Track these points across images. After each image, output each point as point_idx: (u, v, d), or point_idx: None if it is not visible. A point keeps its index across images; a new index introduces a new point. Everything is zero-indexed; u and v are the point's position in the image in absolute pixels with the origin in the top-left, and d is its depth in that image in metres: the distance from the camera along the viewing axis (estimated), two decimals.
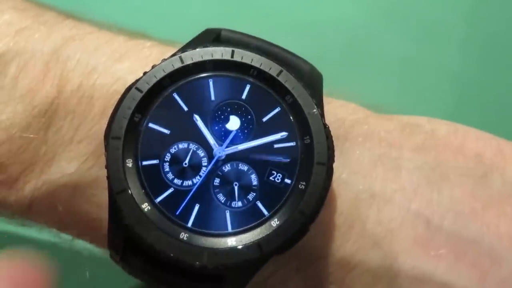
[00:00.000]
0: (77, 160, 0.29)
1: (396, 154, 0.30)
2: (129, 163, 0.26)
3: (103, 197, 0.28)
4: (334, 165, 0.27)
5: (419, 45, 0.46)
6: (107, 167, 0.26)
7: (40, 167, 0.29)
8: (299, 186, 0.27)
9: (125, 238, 0.27)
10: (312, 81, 0.28)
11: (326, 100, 0.29)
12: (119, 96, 0.27)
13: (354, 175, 0.29)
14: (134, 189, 0.26)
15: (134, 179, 0.26)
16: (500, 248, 0.28)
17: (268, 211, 0.27)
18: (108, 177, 0.26)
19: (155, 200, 0.26)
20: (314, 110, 0.27)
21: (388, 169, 0.29)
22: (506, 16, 0.43)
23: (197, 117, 0.27)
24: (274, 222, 0.26)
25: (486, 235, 0.28)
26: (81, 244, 0.33)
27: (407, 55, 0.45)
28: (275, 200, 0.27)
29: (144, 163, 0.27)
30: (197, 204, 0.27)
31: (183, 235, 0.26)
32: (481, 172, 0.29)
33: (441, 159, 0.30)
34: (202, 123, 0.27)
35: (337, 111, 0.31)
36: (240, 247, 0.26)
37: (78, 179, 0.29)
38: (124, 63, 0.30)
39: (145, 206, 0.26)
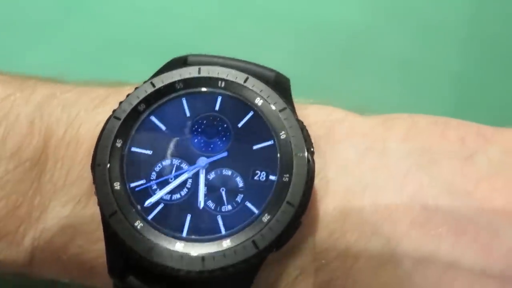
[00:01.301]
0: (71, 202, 0.30)
1: (381, 145, 0.30)
2: (117, 186, 0.27)
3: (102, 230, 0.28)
4: (320, 164, 0.28)
5: (419, 46, 0.46)
6: (96, 193, 0.27)
7: (36, 217, 0.30)
8: (284, 179, 0.27)
9: (124, 260, 0.27)
10: (280, 85, 0.30)
11: (302, 107, 0.31)
12: None
13: (342, 170, 0.30)
14: (125, 210, 0.27)
15: (124, 201, 0.27)
16: (497, 222, 0.28)
17: (258, 209, 0.27)
18: (99, 204, 0.27)
19: (147, 218, 0.27)
20: (285, 107, 0.28)
21: (375, 160, 0.30)
22: (506, 17, 0.44)
23: (175, 135, 0.29)
24: (265, 218, 0.27)
25: (482, 211, 0.29)
26: None
27: (407, 55, 0.45)
28: (262, 197, 0.27)
29: (132, 184, 0.28)
30: (188, 214, 0.27)
31: (179, 245, 0.26)
32: (466, 153, 0.30)
33: (426, 146, 0.30)
34: (182, 139, 0.29)
35: (316, 113, 0.32)
36: (235, 247, 0.26)
37: (75, 220, 0.30)
38: (105, 107, 0.32)
39: (138, 224, 0.27)
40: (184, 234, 0.27)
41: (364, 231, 0.29)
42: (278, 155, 0.28)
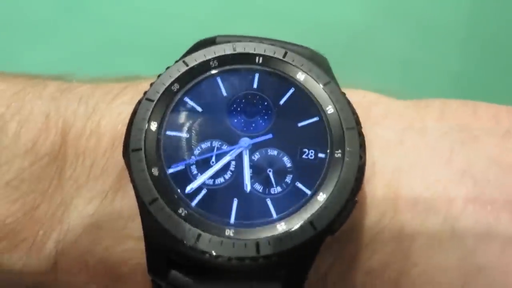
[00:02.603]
0: (96, 198, 0.27)
1: (420, 124, 0.29)
2: (155, 172, 0.25)
3: (135, 225, 0.26)
4: None
5: (419, 46, 0.47)
6: (132, 181, 0.25)
7: (58, 217, 0.28)
8: (336, 155, 0.25)
9: (166, 255, 0.25)
10: (318, 62, 0.28)
11: None
12: (125, 128, 0.26)
13: (385, 151, 0.28)
14: (166, 197, 0.24)
15: (164, 187, 0.25)
16: None
17: (310, 189, 0.25)
18: (136, 191, 0.25)
19: (191, 204, 0.25)
20: (329, 80, 0.27)
21: (417, 139, 0.28)
22: (506, 17, 0.44)
23: (213, 116, 0.27)
24: (320, 197, 0.25)
25: None
26: None
27: (407, 55, 0.46)
28: (314, 177, 0.25)
29: (171, 170, 0.25)
30: (235, 199, 0.25)
31: (229, 232, 0.24)
32: (502, 130, 0.29)
33: (463, 124, 0.29)
34: (220, 120, 0.26)
35: (349, 96, 0.30)
36: (292, 229, 0.24)
37: (101, 218, 0.27)
38: (123, 97, 0.29)
39: (182, 211, 0.24)
40: (233, 219, 0.25)
41: (417, 210, 0.27)
42: (327, 130, 0.26)
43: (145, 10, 0.47)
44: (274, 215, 0.25)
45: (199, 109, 0.27)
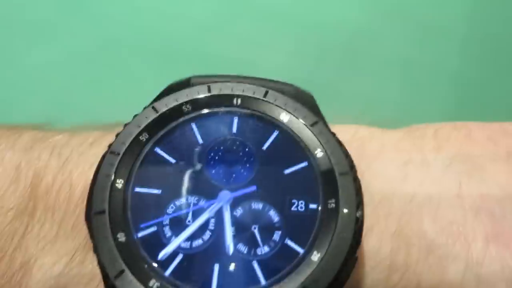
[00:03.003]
0: (64, 258, 0.24)
1: (420, 157, 0.26)
2: (122, 238, 0.21)
3: None
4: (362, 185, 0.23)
5: (419, 46, 0.45)
6: (95, 249, 0.21)
7: (16, 282, 0.24)
8: (329, 206, 0.22)
9: None
10: (304, 100, 0.25)
11: None
12: None
13: (390, 188, 0.25)
14: (135, 267, 0.21)
15: (132, 256, 0.21)
16: None
17: (302, 247, 0.22)
18: (99, 262, 0.21)
19: (164, 274, 0.21)
20: (316, 120, 0.24)
21: (421, 174, 0.25)
22: (506, 17, 0.43)
23: (188, 167, 0.23)
24: (315, 257, 0.21)
25: None
26: None
27: (407, 56, 0.44)
28: (306, 233, 0.22)
29: (140, 234, 0.22)
30: (216, 264, 0.21)
31: None
32: (504, 153, 0.26)
33: (464, 152, 0.26)
34: (196, 172, 0.23)
35: (339, 133, 0.27)
36: None
37: (69, 279, 0.24)
38: (98, 147, 0.27)
39: (153, 284, 0.21)
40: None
41: (433, 259, 0.23)
42: (318, 177, 0.23)
43: (145, 10, 0.46)
44: (263, 281, 0.21)
45: (172, 160, 0.23)
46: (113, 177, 0.22)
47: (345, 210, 0.22)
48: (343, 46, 0.43)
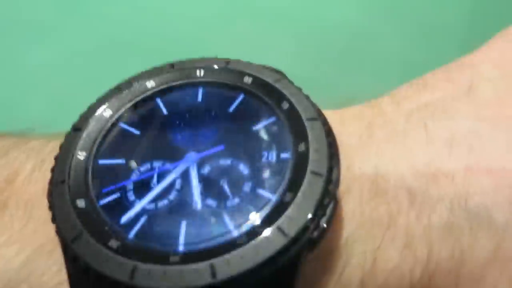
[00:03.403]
0: (29, 249, 0.22)
1: (381, 118, 0.24)
2: (81, 204, 0.20)
3: None
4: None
5: (419, 46, 0.45)
6: (53, 219, 0.20)
7: None
8: (299, 149, 0.21)
9: None
10: (265, 67, 0.25)
11: None
12: None
13: (358, 149, 0.23)
14: (94, 230, 0.19)
15: (91, 220, 0.20)
16: None
17: (274, 193, 0.20)
18: (57, 229, 0.20)
19: (127, 236, 0.19)
20: (279, 78, 0.23)
21: (385, 129, 0.24)
22: (506, 17, 0.44)
23: (153, 136, 0.23)
24: (287, 198, 0.19)
25: None
26: None
27: (407, 56, 0.44)
28: (278, 180, 0.20)
29: (102, 201, 0.21)
30: (183, 221, 0.20)
31: (175, 259, 0.18)
32: (463, 88, 0.25)
33: (423, 101, 0.25)
34: (161, 139, 0.22)
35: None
36: (256, 241, 0.18)
37: (32, 271, 0.22)
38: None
39: (113, 243, 0.19)
40: (181, 245, 0.19)
41: (417, 205, 0.21)
42: (286, 128, 0.22)
43: (145, 10, 0.46)
44: (233, 230, 0.19)
45: (136, 132, 0.23)
46: (74, 150, 0.22)
47: (317, 150, 0.20)
48: (342, 46, 0.43)
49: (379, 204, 0.21)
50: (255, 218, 0.19)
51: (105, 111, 0.23)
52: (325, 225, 0.19)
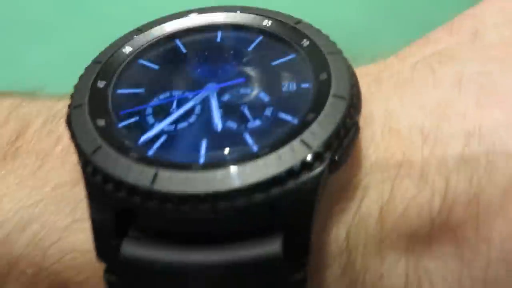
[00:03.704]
0: (41, 190, 0.22)
1: (387, 73, 0.24)
2: (101, 123, 0.20)
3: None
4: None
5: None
6: (72, 135, 0.20)
7: None
8: (320, 78, 0.21)
9: (117, 217, 0.18)
10: None
11: None
12: None
13: (369, 98, 0.23)
14: (114, 144, 0.19)
15: (112, 136, 0.19)
16: None
17: (296, 117, 0.20)
18: (75, 145, 0.19)
19: (148, 152, 0.19)
20: (299, 20, 0.23)
21: (391, 82, 0.23)
22: None
23: (172, 70, 0.23)
24: (310, 117, 0.19)
25: None
26: None
27: None
28: (299, 106, 0.20)
29: (121, 124, 0.20)
30: (203, 140, 0.20)
31: (196, 167, 0.18)
32: (468, 34, 0.24)
33: (426, 52, 0.24)
34: (181, 72, 0.23)
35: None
36: (279, 152, 0.18)
37: (44, 210, 0.21)
38: None
39: (133, 155, 0.19)
40: (201, 157, 0.19)
41: (431, 143, 0.21)
42: (306, 61, 0.22)
43: (144, 10, 0.47)
44: (255, 145, 0.19)
45: (155, 66, 0.23)
46: (93, 78, 0.22)
47: (338, 77, 0.20)
48: (342, 45, 0.43)
49: (393, 142, 0.21)
50: (277, 134, 0.19)
51: (124, 48, 0.23)
52: (346, 147, 0.19)
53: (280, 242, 0.18)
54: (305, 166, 0.18)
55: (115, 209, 0.18)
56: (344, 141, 0.19)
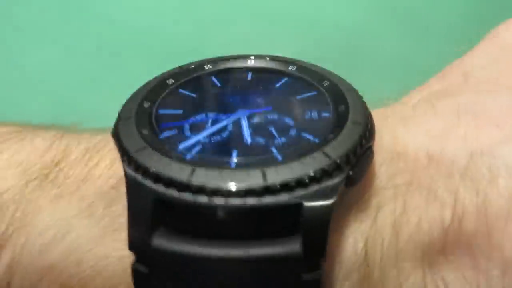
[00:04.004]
0: (77, 206, 0.24)
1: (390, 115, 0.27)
2: (145, 132, 0.23)
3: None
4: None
5: (419, 46, 0.45)
6: (117, 139, 0.22)
7: (17, 226, 0.23)
8: (339, 109, 0.24)
9: (153, 207, 0.20)
10: None
11: None
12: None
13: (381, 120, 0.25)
14: (155, 148, 0.22)
15: (154, 142, 0.22)
16: None
17: (318, 138, 0.22)
18: (120, 146, 0.22)
19: (185, 157, 0.22)
20: (322, 68, 0.27)
21: (396, 117, 0.26)
22: (506, 17, 0.46)
23: (208, 98, 0.26)
24: (330, 137, 0.22)
25: None
26: None
27: (408, 56, 0.44)
28: (320, 129, 0.23)
29: (162, 135, 0.23)
30: (234, 150, 0.22)
31: (229, 166, 0.21)
32: (459, 75, 0.27)
33: (422, 97, 0.27)
34: (215, 99, 0.26)
35: None
36: (301, 160, 0.20)
37: (78, 222, 0.23)
38: None
39: (173, 156, 0.21)
40: (233, 163, 0.21)
41: (433, 163, 0.23)
42: (326, 97, 0.25)
43: (145, 10, 0.47)
44: (279, 156, 0.21)
45: (193, 95, 0.26)
46: (140, 99, 0.25)
47: (354, 109, 0.23)
48: (342, 45, 0.44)
49: (401, 164, 0.23)
50: (300, 148, 0.22)
51: (168, 80, 0.26)
52: (362, 166, 0.22)
53: (300, 242, 0.20)
54: (326, 172, 0.20)
55: (153, 201, 0.20)
56: (360, 159, 0.21)
